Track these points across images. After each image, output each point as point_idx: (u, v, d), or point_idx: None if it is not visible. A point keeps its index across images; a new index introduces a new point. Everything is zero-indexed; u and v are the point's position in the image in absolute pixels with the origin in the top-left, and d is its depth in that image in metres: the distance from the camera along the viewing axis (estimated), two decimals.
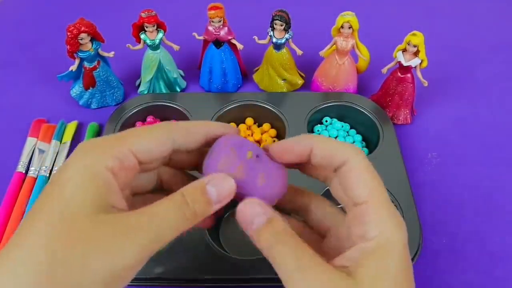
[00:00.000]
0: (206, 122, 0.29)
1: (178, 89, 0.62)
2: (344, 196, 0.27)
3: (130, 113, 0.56)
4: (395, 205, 0.45)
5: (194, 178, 0.29)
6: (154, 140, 0.26)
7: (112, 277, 0.22)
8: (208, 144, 0.28)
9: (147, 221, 0.23)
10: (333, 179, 0.28)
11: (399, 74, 0.55)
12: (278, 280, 0.43)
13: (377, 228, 0.24)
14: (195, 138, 0.27)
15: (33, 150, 0.54)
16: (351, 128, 0.57)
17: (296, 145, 0.27)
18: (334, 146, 0.27)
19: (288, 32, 0.56)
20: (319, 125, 0.57)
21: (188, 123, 0.28)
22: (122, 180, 0.25)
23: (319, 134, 0.56)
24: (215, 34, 0.57)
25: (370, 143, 0.55)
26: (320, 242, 0.29)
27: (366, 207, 0.25)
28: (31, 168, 0.52)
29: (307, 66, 0.64)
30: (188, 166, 0.30)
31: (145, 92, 0.61)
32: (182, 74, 0.64)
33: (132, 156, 0.25)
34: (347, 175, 0.26)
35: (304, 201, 0.30)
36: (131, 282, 0.43)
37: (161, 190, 0.30)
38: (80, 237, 0.21)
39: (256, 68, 0.63)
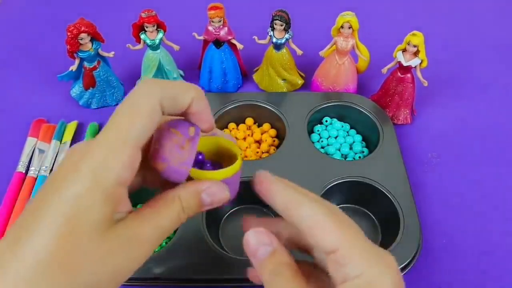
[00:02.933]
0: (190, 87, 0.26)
1: None
2: (317, 251, 0.27)
3: None
4: (394, 205, 0.46)
5: None
6: (148, 122, 0.24)
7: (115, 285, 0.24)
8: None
9: (151, 233, 0.25)
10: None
11: (399, 74, 0.55)
12: None
13: (359, 268, 0.23)
14: (183, 105, 0.26)
15: (33, 150, 0.54)
16: (351, 128, 0.57)
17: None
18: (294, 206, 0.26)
19: (288, 32, 0.56)
20: (319, 125, 0.57)
21: (175, 88, 0.26)
22: (130, 178, 0.24)
23: (319, 134, 0.56)
24: (215, 34, 0.57)
25: (370, 143, 0.55)
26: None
27: (341, 252, 0.24)
28: (31, 168, 0.52)
29: (307, 66, 0.64)
30: None
31: None
32: (182, 74, 0.64)
33: (138, 152, 0.24)
34: (311, 232, 0.25)
35: (307, 242, 0.28)
36: (131, 282, 0.43)
37: None
38: (86, 253, 0.22)
39: (256, 68, 0.63)
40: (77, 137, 0.57)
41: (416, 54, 0.53)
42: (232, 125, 0.57)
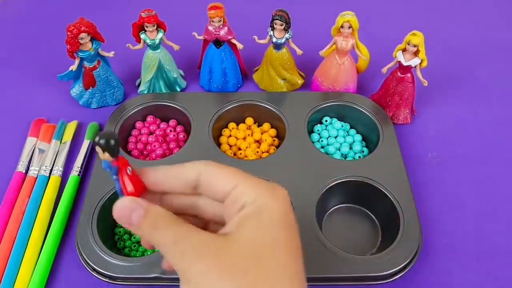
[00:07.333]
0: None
1: (178, 89, 0.62)
2: (215, 203, 0.28)
3: (130, 113, 0.56)
4: (394, 205, 0.46)
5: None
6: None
7: None
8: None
9: None
10: (199, 199, 0.30)
11: (399, 74, 0.55)
12: None
13: (252, 195, 0.26)
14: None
15: (33, 150, 0.54)
16: (351, 128, 0.57)
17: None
18: (179, 170, 0.29)
19: (288, 32, 0.56)
20: (319, 125, 0.57)
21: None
22: None
23: (319, 133, 0.56)
24: (215, 34, 0.57)
25: (370, 143, 0.55)
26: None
27: (236, 189, 0.27)
28: (31, 168, 0.52)
29: (307, 66, 0.64)
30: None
31: (145, 92, 0.61)
32: (182, 74, 0.64)
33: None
34: (207, 183, 0.28)
35: (191, 199, 0.30)
36: (131, 282, 0.43)
37: None
38: None
39: (256, 68, 0.63)
40: (77, 136, 0.57)
41: (416, 53, 0.53)
42: (232, 125, 0.57)
